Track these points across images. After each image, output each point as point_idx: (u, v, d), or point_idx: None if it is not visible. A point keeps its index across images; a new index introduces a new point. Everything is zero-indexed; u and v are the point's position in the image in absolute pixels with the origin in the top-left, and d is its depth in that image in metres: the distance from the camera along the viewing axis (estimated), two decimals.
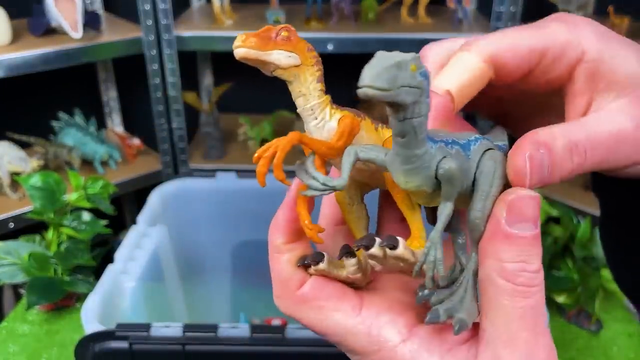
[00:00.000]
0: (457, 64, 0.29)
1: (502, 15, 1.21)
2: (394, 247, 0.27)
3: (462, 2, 1.30)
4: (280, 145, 0.29)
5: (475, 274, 0.28)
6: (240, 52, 0.29)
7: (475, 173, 0.27)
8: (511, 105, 0.36)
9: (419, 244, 0.29)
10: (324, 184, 0.28)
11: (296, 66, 0.30)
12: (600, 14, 1.33)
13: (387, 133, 0.31)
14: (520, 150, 0.26)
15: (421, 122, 0.24)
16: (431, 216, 0.30)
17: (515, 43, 0.29)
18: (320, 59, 0.31)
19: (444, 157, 0.26)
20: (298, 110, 0.31)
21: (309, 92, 0.31)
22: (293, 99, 0.31)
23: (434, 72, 0.31)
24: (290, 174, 0.31)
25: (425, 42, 1.22)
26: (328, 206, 0.34)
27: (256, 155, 0.29)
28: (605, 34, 0.29)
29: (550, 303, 1.02)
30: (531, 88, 0.31)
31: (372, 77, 0.22)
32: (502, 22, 1.21)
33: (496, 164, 0.27)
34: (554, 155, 0.26)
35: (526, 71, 0.29)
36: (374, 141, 0.31)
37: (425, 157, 0.25)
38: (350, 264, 0.30)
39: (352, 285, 0.31)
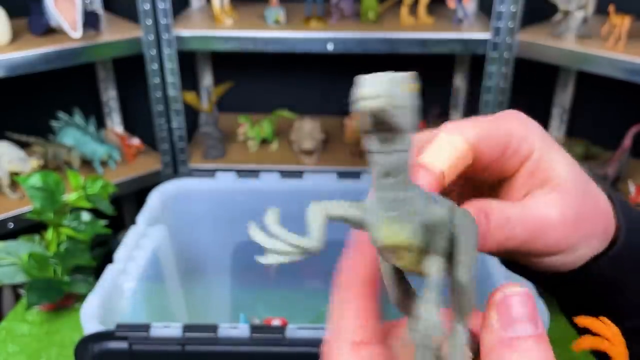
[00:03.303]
0: (446, 145, 0.30)
1: (503, 14, 1.20)
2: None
3: (462, 2, 1.29)
4: None
5: (461, 348, 0.25)
6: None
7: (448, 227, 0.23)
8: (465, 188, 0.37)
9: None
10: (297, 246, 0.23)
11: None
12: (600, 13, 1.33)
13: None
14: (468, 206, 0.28)
15: (410, 155, 0.21)
16: (402, 298, 0.27)
17: (491, 133, 0.31)
18: None
19: (434, 202, 0.23)
20: None
21: None
22: None
23: (422, 155, 0.31)
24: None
25: (426, 42, 1.24)
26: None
27: None
28: (547, 138, 0.33)
29: (550, 303, 1.02)
30: (484, 176, 0.33)
31: (379, 92, 0.19)
32: (502, 22, 1.21)
33: (468, 218, 0.24)
34: (489, 223, 0.29)
35: (492, 161, 0.32)
36: None
37: (415, 200, 0.22)
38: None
39: None
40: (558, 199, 0.31)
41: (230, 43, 1.29)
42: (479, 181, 0.34)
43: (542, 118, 1.54)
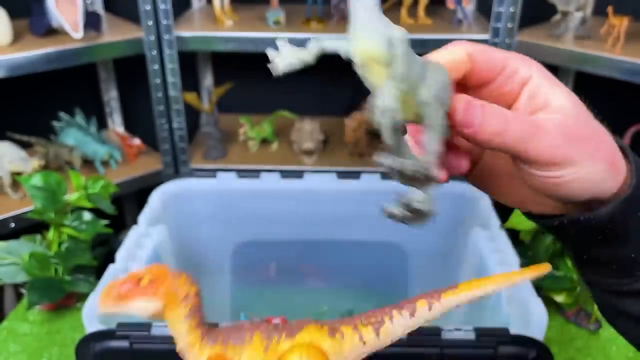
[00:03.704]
0: (446, 51, 0.37)
1: (502, 15, 1.21)
2: None
3: (461, 3, 1.30)
4: None
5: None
6: (100, 312, 0.29)
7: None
8: (485, 172, 0.41)
9: None
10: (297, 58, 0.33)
11: (158, 312, 0.30)
12: (599, 14, 1.33)
13: (284, 345, 0.30)
14: (461, 97, 0.34)
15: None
16: (397, 147, 0.33)
17: (489, 51, 0.36)
18: (193, 290, 0.31)
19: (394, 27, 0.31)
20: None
21: (176, 333, 0.31)
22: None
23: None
24: None
25: (425, 42, 1.24)
26: None
27: None
28: (548, 74, 0.36)
29: (550, 302, 1.02)
30: (489, 100, 0.36)
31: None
32: (501, 23, 1.22)
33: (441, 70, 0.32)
34: (485, 113, 0.33)
35: (491, 76, 0.36)
36: None
37: (377, 21, 0.30)
38: None
39: None
40: (558, 115, 0.34)
41: (231, 44, 1.29)
42: (498, 165, 0.38)
43: None
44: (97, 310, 0.27)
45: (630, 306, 0.38)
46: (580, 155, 0.33)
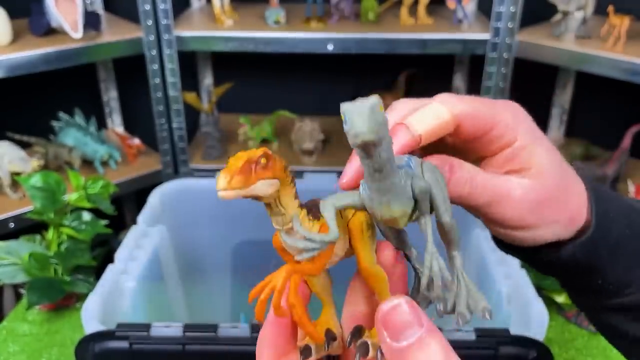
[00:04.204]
0: (431, 111, 0.34)
1: (502, 15, 1.21)
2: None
3: (461, 2, 1.30)
4: (277, 285, 0.31)
5: (462, 267, 0.31)
6: (225, 194, 0.28)
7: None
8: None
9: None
10: (321, 241, 0.29)
11: (276, 190, 0.30)
12: (599, 14, 1.33)
13: (348, 214, 0.33)
14: (433, 158, 0.33)
15: (392, 152, 0.27)
16: (395, 240, 0.34)
17: (476, 113, 0.35)
18: (292, 174, 0.31)
19: (412, 177, 0.29)
20: (277, 228, 0.31)
21: (288, 212, 0.31)
22: (270, 216, 0.31)
23: (401, 118, 0.34)
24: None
25: (425, 42, 1.23)
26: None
27: (251, 294, 0.31)
28: (534, 132, 0.36)
29: (550, 303, 1.02)
30: (466, 150, 0.37)
31: (370, 129, 0.25)
32: (502, 22, 1.21)
33: (435, 171, 0.31)
34: (452, 175, 0.33)
35: (475, 137, 0.35)
36: (342, 228, 0.32)
37: (400, 183, 0.28)
38: (335, 345, 0.33)
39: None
40: (527, 184, 0.35)
41: (231, 43, 1.29)
42: (461, 155, 0.37)
43: (542, 118, 1.55)
44: (223, 194, 0.28)
45: (619, 323, 0.40)
46: (540, 221, 0.36)
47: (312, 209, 0.32)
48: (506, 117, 0.35)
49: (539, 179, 0.35)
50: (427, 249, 0.30)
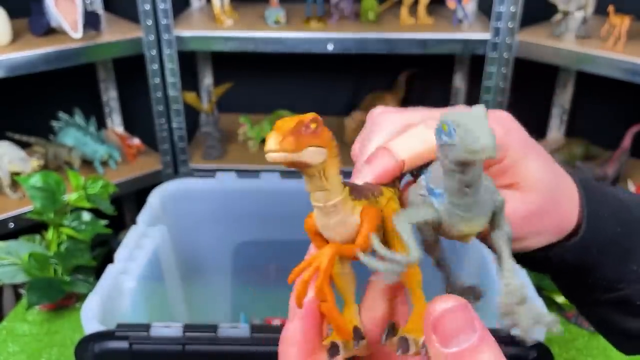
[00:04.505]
0: (418, 137, 0.33)
1: (502, 15, 1.21)
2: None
3: (462, 2, 1.30)
4: (321, 265, 0.28)
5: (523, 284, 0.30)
6: (275, 156, 0.26)
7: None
8: None
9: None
10: (405, 262, 0.26)
11: (323, 161, 0.27)
12: (600, 13, 1.33)
13: (382, 201, 0.31)
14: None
15: (482, 167, 0.26)
16: (433, 246, 0.32)
17: None
18: (337, 146, 0.29)
19: (491, 192, 0.28)
20: (316, 205, 0.29)
21: (332, 187, 0.28)
22: (309, 191, 0.29)
23: (386, 139, 0.33)
24: None
25: (425, 42, 1.23)
26: None
27: (292, 275, 0.29)
28: (525, 145, 0.35)
29: (550, 303, 1.02)
30: None
31: (494, 143, 0.23)
32: (502, 22, 1.21)
33: (490, 181, 0.29)
34: None
35: None
36: (377, 215, 0.30)
37: (484, 198, 0.27)
38: (363, 344, 0.30)
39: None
40: (517, 198, 0.34)
41: (231, 43, 1.29)
42: None
43: (542, 118, 1.54)
44: (273, 156, 0.26)
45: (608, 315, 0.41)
46: (529, 233, 0.35)
47: (353, 190, 0.30)
48: (497, 131, 0.34)
49: (528, 193, 0.35)
50: (505, 266, 0.28)
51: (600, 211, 0.38)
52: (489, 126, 0.23)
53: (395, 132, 0.34)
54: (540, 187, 0.35)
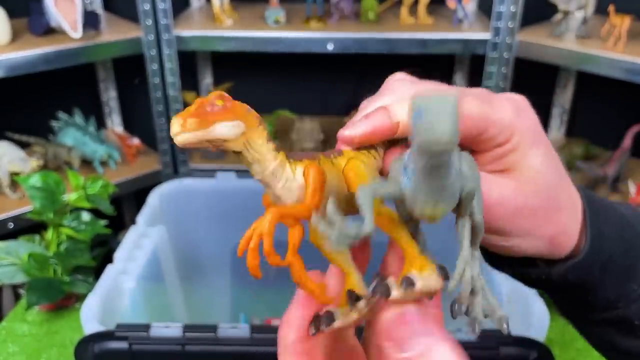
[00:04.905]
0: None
1: (502, 14, 1.20)
2: (411, 284, 0.27)
3: (462, 2, 1.29)
4: (263, 230, 0.27)
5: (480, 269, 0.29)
6: (182, 139, 0.26)
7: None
8: None
9: (420, 263, 0.28)
10: (356, 234, 0.25)
11: (242, 133, 0.27)
12: (600, 13, 1.33)
13: (341, 161, 0.31)
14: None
15: (455, 153, 0.25)
16: (412, 228, 0.31)
17: (472, 114, 0.31)
18: (260, 116, 0.29)
19: (461, 177, 0.27)
20: (256, 178, 0.29)
21: (263, 156, 0.28)
22: (246, 166, 0.29)
23: (400, 105, 0.32)
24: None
25: (425, 42, 1.23)
26: None
27: (240, 247, 0.28)
28: (533, 135, 0.33)
29: (551, 303, 1.02)
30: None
31: (453, 134, 0.21)
32: (502, 22, 1.21)
33: (473, 167, 0.28)
34: None
35: (465, 137, 0.32)
36: (335, 176, 0.30)
37: (452, 184, 0.25)
38: (361, 306, 0.29)
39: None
40: (509, 186, 0.32)
41: (230, 43, 1.29)
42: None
43: (542, 118, 1.53)
44: (180, 139, 0.25)
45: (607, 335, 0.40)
46: (515, 231, 0.33)
47: (295, 156, 0.30)
48: (504, 115, 0.32)
49: (525, 185, 0.33)
50: (462, 254, 0.28)
51: (604, 229, 0.36)
52: (457, 117, 0.21)
53: (402, 98, 0.33)
54: (539, 183, 0.33)
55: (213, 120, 0.26)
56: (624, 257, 0.37)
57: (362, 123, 0.32)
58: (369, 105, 0.34)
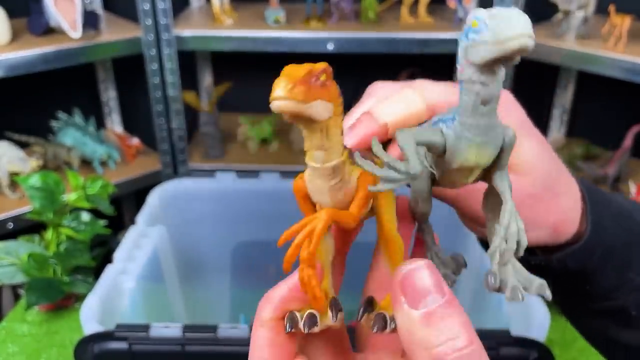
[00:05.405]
0: (402, 100, 0.32)
1: None
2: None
3: (462, 2, 1.29)
4: (315, 230, 0.26)
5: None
6: (283, 105, 0.24)
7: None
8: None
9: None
10: (406, 172, 0.24)
11: (329, 117, 0.25)
12: (600, 13, 1.33)
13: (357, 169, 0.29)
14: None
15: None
16: (424, 205, 0.30)
17: (453, 102, 0.31)
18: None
19: (505, 126, 0.26)
20: (312, 165, 0.27)
21: (332, 147, 0.26)
22: (307, 150, 0.26)
23: (383, 105, 0.32)
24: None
25: (426, 42, 1.23)
26: None
27: (283, 237, 0.26)
28: (524, 126, 0.33)
29: (551, 304, 1.02)
30: None
31: (530, 29, 0.21)
32: None
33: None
34: None
35: None
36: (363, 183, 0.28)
37: (497, 125, 0.25)
38: (340, 318, 0.28)
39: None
40: (510, 175, 0.32)
41: (230, 43, 1.29)
42: None
43: (542, 118, 1.54)
44: (281, 105, 0.23)
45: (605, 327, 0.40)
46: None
47: (351, 153, 0.28)
48: None
49: (522, 177, 0.33)
50: (507, 207, 0.26)
51: (604, 216, 0.36)
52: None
53: (384, 97, 0.33)
54: (535, 173, 0.33)
55: (315, 96, 0.24)
56: (624, 245, 0.37)
57: (350, 135, 0.32)
58: (349, 116, 0.34)
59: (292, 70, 0.24)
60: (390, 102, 0.32)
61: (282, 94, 0.23)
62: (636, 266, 0.38)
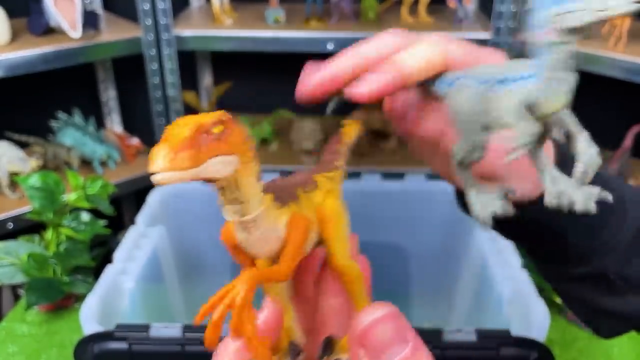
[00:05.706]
0: (422, 51, 0.32)
1: (503, 14, 1.20)
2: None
3: (462, 2, 1.29)
4: (236, 302, 0.23)
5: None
6: (166, 178, 0.20)
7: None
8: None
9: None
10: (532, 134, 0.30)
11: (235, 170, 0.22)
12: None
13: (317, 196, 0.28)
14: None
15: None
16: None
17: (465, 59, 0.33)
18: (254, 147, 0.24)
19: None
20: (232, 220, 0.24)
21: (249, 199, 0.23)
22: (219, 204, 0.24)
23: (388, 52, 0.34)
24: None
25: None
26: None
27: (202, 312, 0.23)
28: None
29: (551, 304, 1.02)
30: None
31: None
32: (502, 21, 1.21)
33: None
34: (428, 115, 0.35)
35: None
36: (312, 214, 0.27)
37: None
38: (301, 358, 0.28)
39: None
40: (499, 135, 0.33)
41: (230, 43, 1.29)
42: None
43: None
44: (162, 178, 0.19)
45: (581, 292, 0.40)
46: (508, 174, 0.34)
47: (278, 193, 0.25)
48: (494, 60, 0.33)
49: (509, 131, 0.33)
50: (582, 136, 0.31)
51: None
52: None
53: (399, 46, 0.33)
54: None
55: (209, 154, 0.20)
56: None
57: (366, 82, 0.33)
58: (351, 53, 0.37)
59: (175, 131, 0.20)
60: (411, 52, 0.32)
61: (162, 165, 0.19)
62: (609, 227, 0.37)
